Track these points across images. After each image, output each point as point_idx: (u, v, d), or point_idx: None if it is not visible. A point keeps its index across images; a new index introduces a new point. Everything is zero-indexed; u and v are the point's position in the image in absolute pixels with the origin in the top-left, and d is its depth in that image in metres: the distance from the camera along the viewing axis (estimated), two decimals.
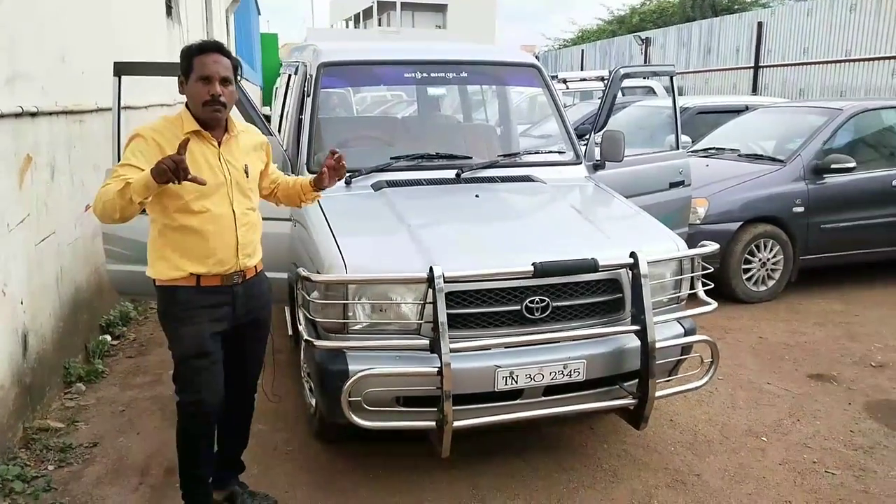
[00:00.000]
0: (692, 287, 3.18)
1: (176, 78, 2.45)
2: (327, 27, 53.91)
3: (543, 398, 2.88)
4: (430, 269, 2.61)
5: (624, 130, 8.35)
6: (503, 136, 4.65)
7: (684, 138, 7.22)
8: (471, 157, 3.79)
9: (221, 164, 2.45)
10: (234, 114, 2.55)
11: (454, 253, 2.85)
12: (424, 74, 4.00)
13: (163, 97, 7.05)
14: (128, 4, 6.14)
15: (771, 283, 5.71)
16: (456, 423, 2.64)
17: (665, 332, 3.01)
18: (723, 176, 5.84)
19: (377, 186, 3.56)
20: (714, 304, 3.14)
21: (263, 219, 2.67)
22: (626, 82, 12.09)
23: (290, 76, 5.16)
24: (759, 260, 5.63)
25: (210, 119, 2.41)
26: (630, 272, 2.86)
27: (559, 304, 2.84)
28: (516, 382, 2.76)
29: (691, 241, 5.39)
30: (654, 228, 3.29)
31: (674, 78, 4.76)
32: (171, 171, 2.08)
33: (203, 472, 2.62)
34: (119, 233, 3.59)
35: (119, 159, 3.49)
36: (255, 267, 2.59)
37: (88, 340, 4.52)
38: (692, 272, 3.15)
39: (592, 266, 2.79)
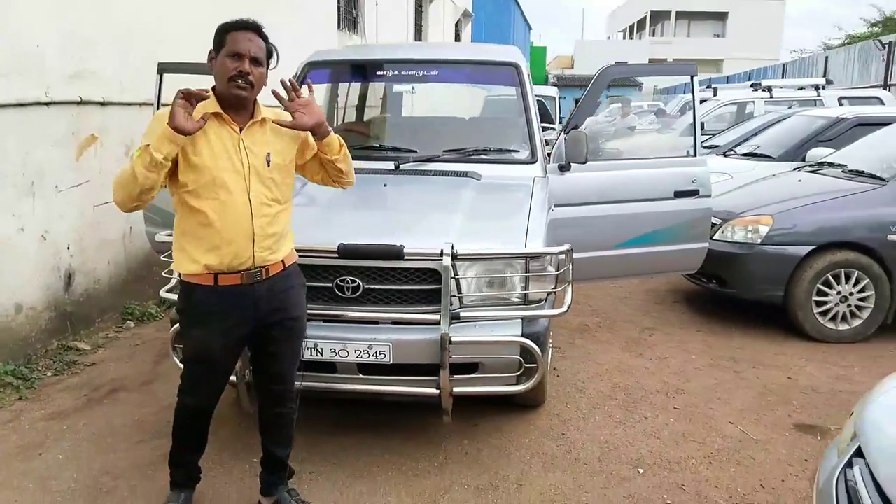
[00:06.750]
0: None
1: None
2: (603, 39, 54.04)
3: (358, 375, 3.02)
4: None
5: (774, 140, 7.51)
6: (480, 131, 4.60)
7: (826, 150, 6.30)
8: (415, 151, 3.95)
9: (240, 151, 2.31)
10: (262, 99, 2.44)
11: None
12: (395, 73, 4.26)
13: None
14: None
15: (856, 322, 4.81)
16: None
17: (498, 330, 2.96)
18: (805, 192, 5.06)
19: None
20: (563, 309, 2.97)
21: None
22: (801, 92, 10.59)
23: None
24: (839, 293, 4.78)
25: (233, 98, 2.28)
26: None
27: (371, 286, 2.96)
28: (321, 355, 2.94)
29: (747, 262, 4.83)
30: (522, 230, 3.14)
31: (694, 78, 4.30)
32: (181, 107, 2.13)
33: (187, 459, 2.66)
34: (154, 202, 4.44)
35: None
36: (283, 262, 2.45)
37: None
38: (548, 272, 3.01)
39: (397, 253, 2.86)
